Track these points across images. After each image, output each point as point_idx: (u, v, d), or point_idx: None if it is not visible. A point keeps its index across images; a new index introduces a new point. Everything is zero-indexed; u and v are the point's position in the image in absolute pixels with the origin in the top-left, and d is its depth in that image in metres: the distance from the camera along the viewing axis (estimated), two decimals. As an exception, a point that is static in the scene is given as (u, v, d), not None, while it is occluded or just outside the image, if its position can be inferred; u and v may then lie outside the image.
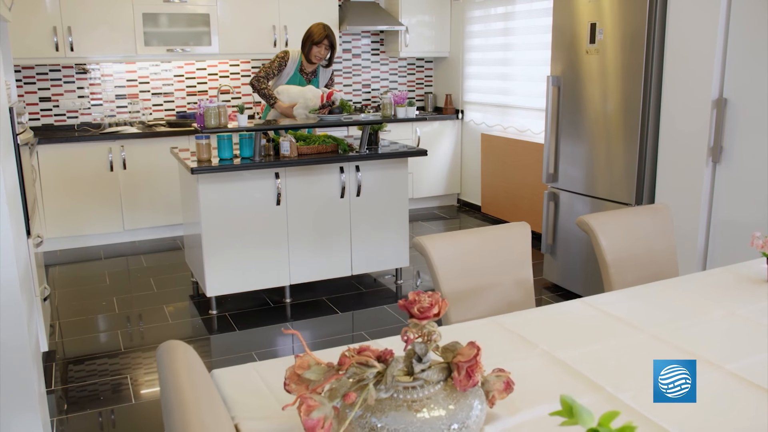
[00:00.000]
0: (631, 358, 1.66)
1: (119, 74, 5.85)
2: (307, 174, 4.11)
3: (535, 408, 1.42)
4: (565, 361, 1.64)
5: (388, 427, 1.23)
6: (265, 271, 4.12)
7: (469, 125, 6.61)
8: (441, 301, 1.32)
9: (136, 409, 3.00)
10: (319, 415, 1.21)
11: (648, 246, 2.53)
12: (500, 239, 2.28)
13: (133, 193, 5.46)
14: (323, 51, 4.37)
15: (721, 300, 2.03)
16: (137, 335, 3.81)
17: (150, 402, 3.07)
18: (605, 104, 3.84)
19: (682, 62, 3.41)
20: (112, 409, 3.00)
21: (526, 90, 5.77)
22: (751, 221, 3.19)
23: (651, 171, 3.68)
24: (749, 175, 3.21)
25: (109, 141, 5.33)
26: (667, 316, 1.92)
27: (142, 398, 3.10)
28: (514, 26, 5.85)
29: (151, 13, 5.52)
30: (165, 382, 1.19)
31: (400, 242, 4.48)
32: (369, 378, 1.26)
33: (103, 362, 3.47)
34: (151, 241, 5.63)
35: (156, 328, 3.90)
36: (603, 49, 3.80)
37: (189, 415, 1.06)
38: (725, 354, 1.66)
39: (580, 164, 4.08)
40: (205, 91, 6.16)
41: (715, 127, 3.29)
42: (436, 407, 1.26)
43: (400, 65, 6.99)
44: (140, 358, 3.51)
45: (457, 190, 6.87)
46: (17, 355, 2.20)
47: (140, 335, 3.81)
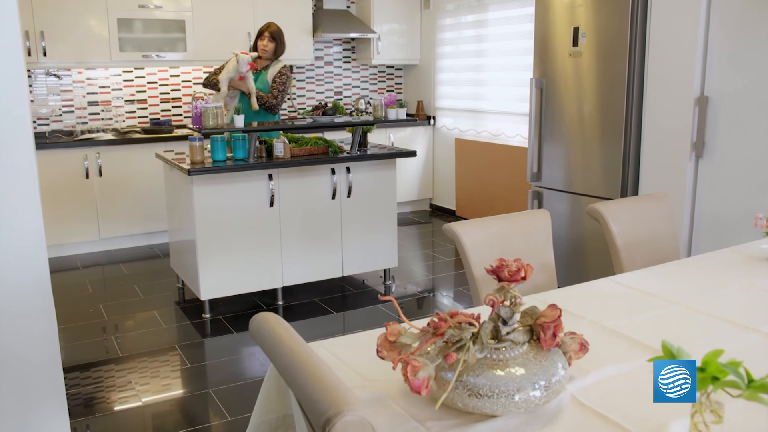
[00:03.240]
0: (674, 325, 1.77)
1: (91, 80, 5.75)
2: (300, 175, 4.14)
3: (605, 368, 1.51)
4: (615, 329, 1.74)
5: (485, 384, 1.29)
6: (259, 273, 4.12)
7: (441, 131, 6.75)
8: (526, 266, 1.39)
9: (146, 412, 2.96)
10: (424, 375, 1.27)
11: (653, 231, 2.67)
12: (525, 225, 2.37)
13: (109, 201, 5.37)
14: (266, 42, 4.43)
15: (736, 275, 2.18)
16: (132, 341, 3.75)
17: (159, 403, 3.04)
18: (589, 104, 4.01)
19: (664, 63, 3.61)
20: (123, 413, 2.95)
21: (500, 95, 5.94)
22: (732, 211, 3.39)
23: (634, 167, 3.86)
24: (731, 167, 3.41)
25: (85, 148, 5.23)
26: (692, 290, 2.04)
27: (151, 401, 3.06)
28: (486, 33, 6.03)
29: (126, 18, 5.47)
30: (277, 346, 1.22)
31: (390, 242, 4.55)
32: (466, 338, 1.32)
33: (101, 369, 3.40)
34: (128, 249, 5.53)
35: (150, 332, 3.85)
36: (586, 51, 3.97)
37: (318, 370, 1.10)
38: (757, 318, 1.79)
39: (564, 163, 4.24)
40: (179, 98, 6.11)
41: (697, 124, 3.48)
42: (524, 366, 1.33)
43: (371, 72, 7.08)
44: (142, 363, 3.46)
45: (430, 195, 6.99)
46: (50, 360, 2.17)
47: (135, 340, 3.75)
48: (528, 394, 1.28)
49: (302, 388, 1.07)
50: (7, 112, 1.99)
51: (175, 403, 3.06)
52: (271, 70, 4.44)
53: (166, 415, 2.95)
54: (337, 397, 1.01)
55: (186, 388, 3.20)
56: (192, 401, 3.06)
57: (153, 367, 3.41)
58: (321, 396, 1.02)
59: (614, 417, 1.30)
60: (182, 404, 3.05)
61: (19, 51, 2.00)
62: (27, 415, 2.11)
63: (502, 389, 1.28)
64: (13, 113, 2.00)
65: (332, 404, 0.99)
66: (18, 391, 2.09)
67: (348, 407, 0.99)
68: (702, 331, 1.74)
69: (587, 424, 1.29)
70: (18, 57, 2.00)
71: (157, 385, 3.23)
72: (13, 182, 2.03)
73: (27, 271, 2.09)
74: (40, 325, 2.14)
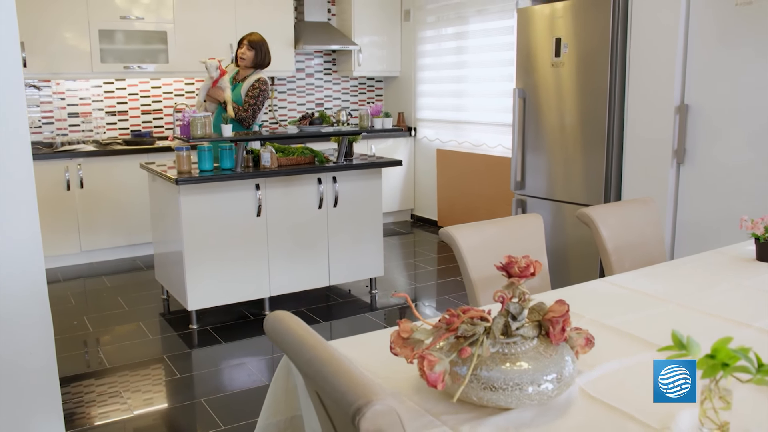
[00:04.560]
0: (670, 322, 1.81)
1: (72, 92, 5.71)
2: (287, 185, 4.15)
3: (609, 363, 1.55)
4: (614, 326, 1.78)
5: (499, 378, 1.32)
6: (246, 282, 4.11)
7: (422, 142, 6.81)
8: (535, 262, 1.43)
9: (138, 423, 2.93)
10: (441, 369, 1.29)
11: (641, 234, 2.73)
12: (519, 229, 2.42)
13: (90, 213, 5.31)
14: (244, 50, 4.41)
15: (724, 275, 2.24)
16: (119, 352, 3.71)
17: (151, 414, 3.01)
18: (571, 113, 4.09)
19: (645, 72, 3.70)
20: (115, 425, 2.92)
21: (481, 106, 6.02)
22: (714, 216, 3.48)
23: (617, 174, 3.95)
24: (712, 173, 3.50)
25: (66, 159, 5.18)
26: (684, 289, 2.10)
27: (143, 413, 3.03)
28: (467, 45, 6.12)
29: (108, 29, 5.45)
30: (297, 343, 1.24)
31: (376, 251, 4.57)
32: (479, 333, 1.35)
33: (89, 381, 3.36)
34: (110, 262, 5.48)
35: (137, 344, 3.82)
36: (568, 62, 4.06)
37: (343, 363, 1.12)
38: (749, 315, 1.85)
39: (547, 171, 4.31)
40: (160, 110, 6.09)
41: (678, 131, 3.58)
42: (535, 359, 1.36)
43: (352, 84, 7.13)
44: (130, 374, 3.42)
45: (411, 206, 7.03)
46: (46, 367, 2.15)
47: (122, 352, 3.71)
48: (541, 386, 1.32)
49: (328, 380, 1.09)
50: (5, 123, 1.99)
51: (167, 414, 3.03)
52: (247, 81, 4.43)
53: (159, 425, 2.92)
54: (365, 387, 1.03)
55: (177, 398, 3.18)
56: (184, 411, 3.04)
57: (142, 378, 3.38)
58: (349, 387, 1.04)
59: (624, 408, 1.34)
60: (174, 414, 3.02)
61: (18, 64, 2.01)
62: (24, 422, 2.09)
63: (516, 382, 1.31)
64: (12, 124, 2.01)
65: (361, 394, 1.02)
66: (15, 398, 2.06)
67: (377, 397, 1.01)
68: (697, 327, 1.79)
69: (598, 415, 1.33)
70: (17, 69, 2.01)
71: (147, 395, 3.20)
72: (10, 191, 2.03)
73: (24, 279, 2.08)
74: (36, 332, 2.12)
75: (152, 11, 5.59)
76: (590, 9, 3.90)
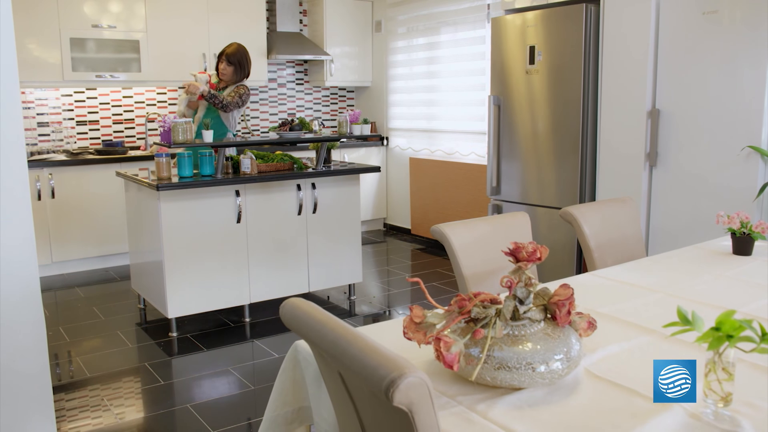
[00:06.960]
0: (661, 309, 1.89)
1: (41, 101, 5.62)
2: (266, 191, 4.16)
3: (610, 346, 1.61)
4: (609, 314, 1.85)
5: (512, 357, 1.37)
6: (226, 289, 4.09)
7: (395, 151, 6.87)
8: (541, 247, 1.49)
9: (127, 429, 2.90)
10: (456, 350, 1.34)
11: (621, 232, 2.82)
12: (508, 227, 2.48)
13: (62, 223, 5.23)
14: (224, 66, 4.42)
15: (706, 267, 2.34)
16: (99, 361, 3.65)
17: (138, 421, 2.98)
18: (546, 119, 4.20)
19: (617, 78, 3.83)
20: (99, 430, 2.88)
21: (453, 114, 6.12)
22: (685, 216, 3.61)
23: (591, 178, 4.06)
24: (682, 175, 3.64)
25: (37, 169, 5.10)
26: (669, 280, 2.19)
27: (130, 420, 3.00)
28: (438, 55, 6.22)
29: (79, 38, 5.39)
30: (319, 325, 1.27)
31: (354, 257, 4.60)
32: (491, 315, 1.40)
33: (71, 390, 3.30)
34: (83, 272, 5.38)
35: (118, 353, 3.76)
36: (542, 69, 4.17)
37: (369, 341, 1.15)
38: (734, 301, 1.93)
39: (522, 176, 4.41)
40: (132, 119, 6.03)
41: (650, 135, 3.71)
42: (543, 341, 1.41)
43: (324, 94, 7.17)
44: (112, 382, 3.37)
45: (384, 215, 7.08)
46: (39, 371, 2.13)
47: (102, 361, 3.66)
48: (551, 365, 1.37)
49: (357, 358, 1.12)
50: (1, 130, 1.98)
51: (154, 420, 3.00)
52: (229, 88, 4.44)
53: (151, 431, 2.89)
54: (396, 361, 1.07)
55: (163, 404, 3.14)
56: (171, 417, 3.01)
57: (125, 386, 3.34)
58: (380, 362, 1.07)
59: (629, 384, 1.40)
60: (161, 420, 2.99)
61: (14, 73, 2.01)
62: (16, 425, 2.05)
63: (529, 361, 1.36)
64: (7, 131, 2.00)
65: (393, 368, 1.05)
66: (8, 402, 2.03)
67: (409, 370, 1.04)
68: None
69: (606, 392, 1.38)
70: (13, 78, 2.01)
71: (131, 403, 3.16)
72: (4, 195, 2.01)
73: (17, 283, 2.05)
74: (30, 336, 2.10)
75: (123, 20, 5.55)
76: (562, 18, 4.02)
